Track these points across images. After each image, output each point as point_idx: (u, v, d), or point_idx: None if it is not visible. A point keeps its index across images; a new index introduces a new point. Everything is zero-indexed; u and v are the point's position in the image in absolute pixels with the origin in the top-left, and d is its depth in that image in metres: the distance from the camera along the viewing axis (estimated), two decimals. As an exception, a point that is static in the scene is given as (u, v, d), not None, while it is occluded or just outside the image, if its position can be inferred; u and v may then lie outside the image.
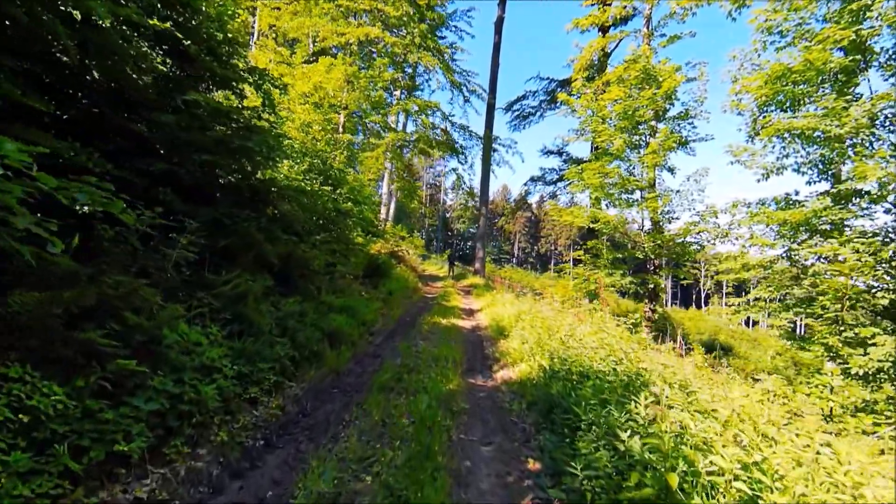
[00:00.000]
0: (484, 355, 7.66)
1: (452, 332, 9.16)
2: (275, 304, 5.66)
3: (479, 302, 14.70)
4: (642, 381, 3.65)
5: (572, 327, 6.30)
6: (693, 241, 12.15)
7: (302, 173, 9.21)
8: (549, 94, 21.01)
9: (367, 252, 11.97)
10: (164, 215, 3.85)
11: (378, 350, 7.39)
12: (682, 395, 3.29)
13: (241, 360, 4.28)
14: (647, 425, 2.74)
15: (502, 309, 11.22)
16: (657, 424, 2.73)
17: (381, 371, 5.86)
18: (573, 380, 4.20)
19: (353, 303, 7.97)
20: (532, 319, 8.10)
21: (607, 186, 12.70)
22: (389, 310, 11.00)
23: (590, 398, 3.44)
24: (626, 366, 4.26)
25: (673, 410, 2.93)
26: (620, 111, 12.34)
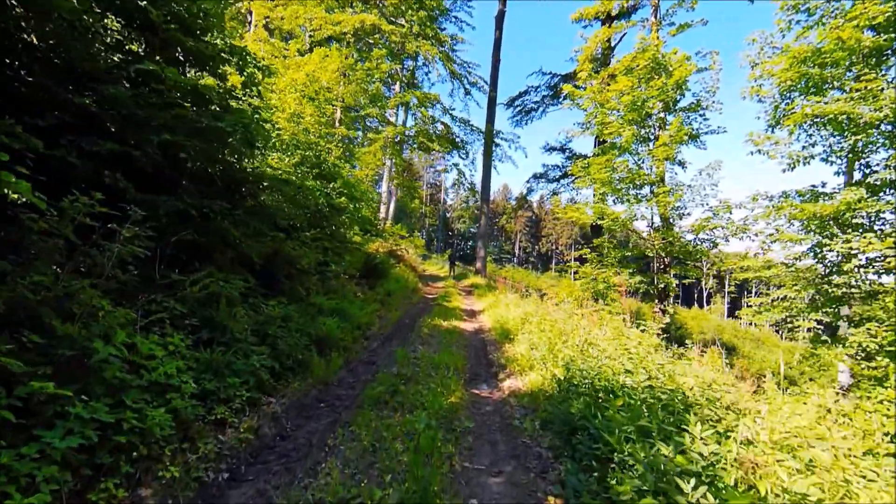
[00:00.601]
0: (488, 361, 7.01)
1: (454, 336, 8.51)
2: (255, 308, 5.01)
3: (482, 303, 14.05)
4: (683, 402, 3.01)
5: (588, 332, 5.64)
6: (706, 238, 11.49)
7: (293, 166, 8.57)
8: (552, 88, 20.35)
9: (364, 251, 11.32)
10: (113, 203, 3.21)
11: (373, 356, 6.74)
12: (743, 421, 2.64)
13: (208, 375, 3.63)
14: (713, 469, 2.10)
15: (506, 310, 10.57)
16: (726, 471, 2.09)
17: (374, 382, 5.21)
18: (596, 396, 3.55)
19: (346, 305, 7.32)
20: (540, 322, 7.44)
21: (615, 181, 12.03)
22: (387, 311, 10.35)
23: (623, 423, 2.78)
24: (661, 381, 3.61)
25: (751, 449, 2.27)
26: (628, 102, 11.67)
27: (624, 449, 2.50)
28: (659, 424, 2.57)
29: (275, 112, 8.58)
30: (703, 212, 11.61)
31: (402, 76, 14.60)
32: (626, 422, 2.82)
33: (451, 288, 17.67)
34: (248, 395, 3.86)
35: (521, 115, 20.42)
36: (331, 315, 6.52)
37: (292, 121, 8.73)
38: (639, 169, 11.56)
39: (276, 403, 4.25)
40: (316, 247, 7.09)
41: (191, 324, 3.87)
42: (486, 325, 10.24)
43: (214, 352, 3.81)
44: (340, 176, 8.55)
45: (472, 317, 11.70)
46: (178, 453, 2.98)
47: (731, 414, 2.83)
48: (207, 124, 3.97)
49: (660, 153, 10.85)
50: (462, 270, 27.19)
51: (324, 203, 8.27)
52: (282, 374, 4.64)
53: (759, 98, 8.57)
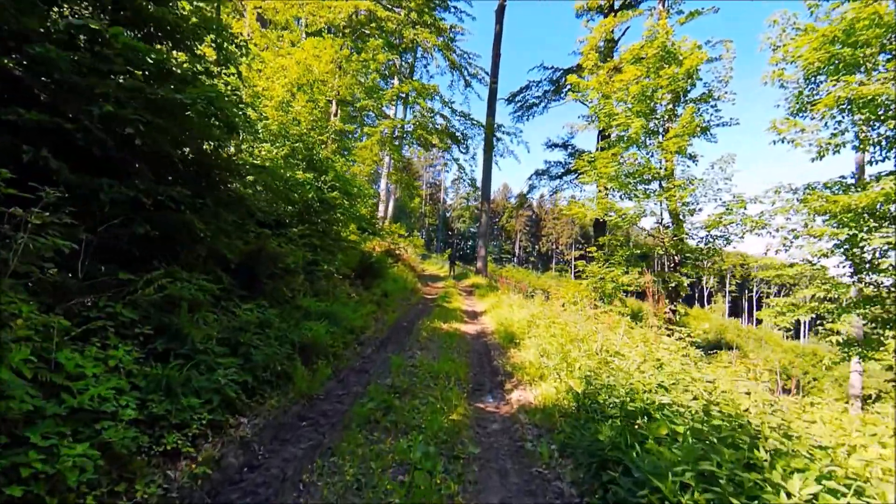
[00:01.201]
0: (493, 369, 6.36)
1: (455, 340, 7.86)
2: (229, 313, 4.36)
3: (483, 303, 13.39)
4: (747, 432, 2.35)
5: (606, 338, 4.99)
6: (718, 235, 10.85)
7: (283, 158, 7.92)
8: (554, 83, 19.71)
9: (359, 250, 10.67)
10: (41, 185, 2.56)
11: (367, 363, 6.09)
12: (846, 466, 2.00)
13: (159, 395, 2.98)
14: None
15: (509, 312, 9.93)
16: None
17: (365, 396, 4.56)
18: (629, 420, 2.91)
19: (338, 307, 6.67)
20: (549, 325, 6.80)
21: (622, 176, 11.39)
22: (384, 313, 9.70)
23: (674, 462, 2.14)
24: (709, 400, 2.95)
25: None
26: (637, 92, 11.03)
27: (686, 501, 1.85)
28: (730, 470, 1.93)
29: (262, 100, 7.95)
30: (715, 207, 11.00)
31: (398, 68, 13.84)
32: (677, 459, 2.17)
33: (452, 288, 17.02)
34: (210, 418, 3.21)
35: (522, 110, 19.78)
36: (319, 319, 5.87)
37: (281, 109, 8.09)
38: (647, 163, 10.90)
39: (248, 425, 3.60)
40: (304, 244, 6.44)
41: (143, 333, 3.22)
42: (489, 328, 9.59)
43: (170, 367, 3.15)
44: (332, 168, 7.91)
45: (474, 318, 11.05)
46: (107, 501, 2.32)
47: (816, 450, 2.20)
48: (163, 96, 3.32)
49: (671, 145, 10.21)
50: (462, 270, 26.55)
51: (314, 197, 7.62)
52: (257, 388, 3.99)
53: (780, 83, 7.93)
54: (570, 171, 19.61)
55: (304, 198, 7.49)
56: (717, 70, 11.13)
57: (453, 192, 62.79)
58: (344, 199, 9.73)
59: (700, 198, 11.07)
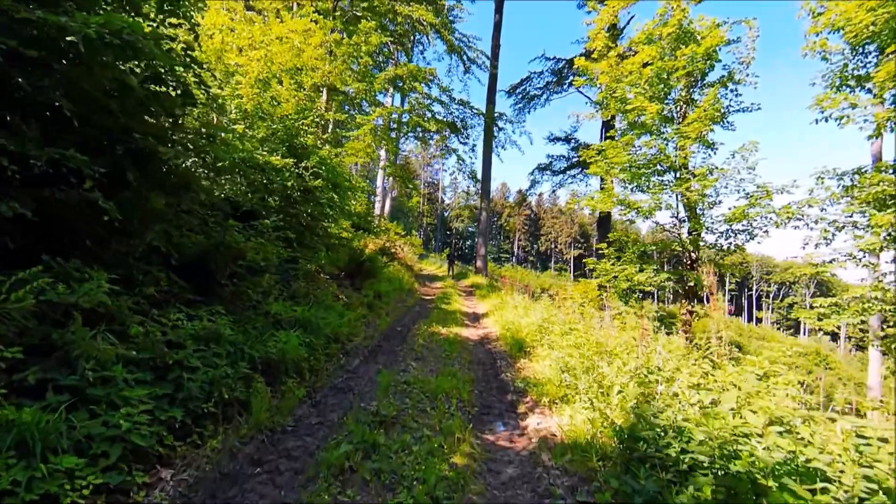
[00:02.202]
0: (501, 384, 5.33)
1: (455, 347, 6.84)
2: (174, 323, 3.32)
3: (485, 304, 12.38)
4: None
5: (649, 351, 3.97)
6: (741, 230, 9.86)
7: (259, 142, 6.88)
8: (556, 74, 18.69)
9: (350, 246, 9.63)
10: None
11: (351, 379, 5.06)
12: None
13: (4, 456, 1.94)
14: None
15: (514, 314, 8.91)
16: None
17: (340, 432, 3.53)
18: (728, 487, 1.89)
19: (318, 312, 5.63)
20: (565, 332, 5.77)
21: (636, 166, 10.39)
22: (376, 317, 8.67)
23: None
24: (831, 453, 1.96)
25: None
26: (651, 75, 10.05)
27: None
28: None
29: (235, 76, 6.92)
30: (737, 199, 10.00)
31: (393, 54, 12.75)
32: None
33: (451, 288, 16.01)
34: (101, 482, 2.17)
35: (523, 102, 18.75)
36: (293, 327, 4.83)
37: (258, 87, 7.06)
38: (663, 150, 9.90)
39: (171, 482, 2.56)
40: (277, 237, 5.41)
41: (3, 358, 2.18)
42: (493, 332, 8.57)
43: (35, 408, 2.12)
44: (315, 153, 6.88)
45: (476, 321, 10.03)
46: None
47: None
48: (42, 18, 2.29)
49: (692, 130, 9.20)
50: (461, 269, 25.56)
51: (295, 185, 6.58)
52: (194, 426, 2.95)
53: (822, 55, 6.94)
54: (573, 165, 18.62)
55: (282, 186, 6.45)
56: (739, 51, 10.15)
57: (451, 191, 61.79)
58: (332, 191, 8.69)
59: (720, 189, 10.09)
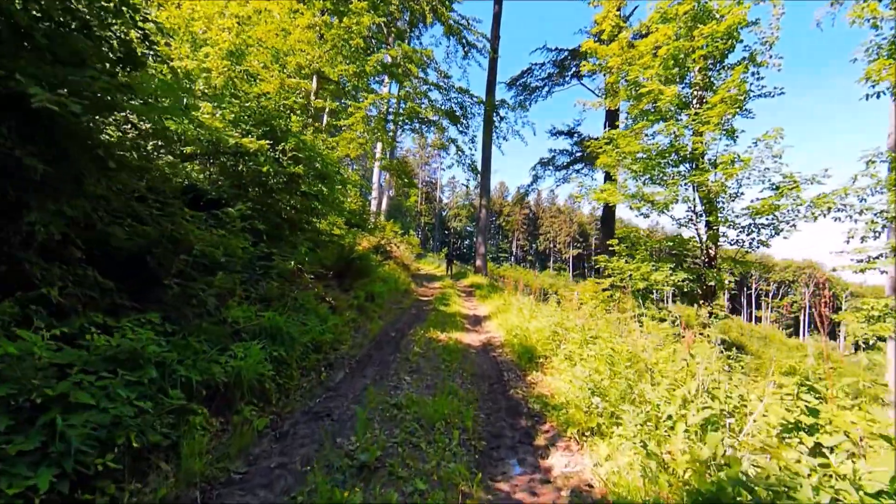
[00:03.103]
0: (511, 404, 4.40)
1: (455, 356, 5.92)
2: (68, 337, 2.38)
3: (486, 306, 11.46)
4: None
5: (706, 373, 3.04)
6: (765, 224, 8.98)
7: (232, 123, 5.95)
8: (559, 65, 17.79)
9: (339, 244, 8.69)
10: None
11: (331, 400, 4.13)
12: None
13: None
14: None
15: (519, 318, 8.00)
16: None
17: (307, 479, 2.60)
18: None
19: (293, 319, 4.70)
20: (586, 340, 4.85)
21: (651, 155, 9.50)
22: (367, 321, 7.74)
23: None
24: None
25: None
26: (667, 56, 9.16)
27: None
28: None
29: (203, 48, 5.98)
30: (760, 191, 9.13)
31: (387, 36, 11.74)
32: None
33: (450, 289, 15.07)
34: None
35: (524, 94, 17.84)
36: (259, 337, 3.90)
37: (229, 60, 6.12)
38: (681, 132, 9.01)
39: None
40: (244, 229, 4.47)
41: None
42: (497, 337, 7.65)
43: None
44: (294, 135, 5.94)
45: (477, 325, 9.11)
46: None
47: None
48: None
49: (714, 114, 8.31)
50: (460, 269, 24.64)
51: (270, 171, 5.64)
52: (77, 494, 2.01)
53: (870, 21, 6.05)
54: (576, 160, 17.74)
55: (255, 171, 5.52)
56: (763, 30, 9.27)
57: (449, 190, 60.87)
58: (320, 182, 7.77)
59: (742, 180, 9.20)
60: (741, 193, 9.25)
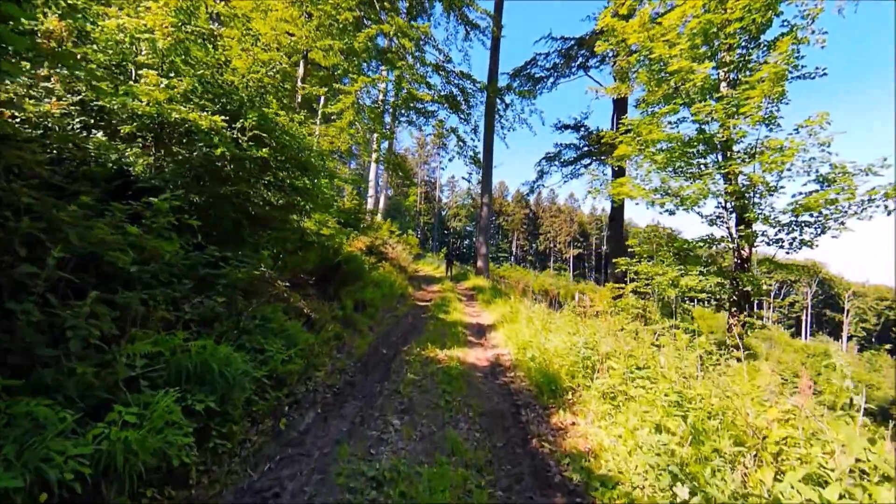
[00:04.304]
0: (539, 469, 3.16)
1: (457, 384, 4.70)
2: None
3: (490, 313, 10.23)
4: None
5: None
6: (809, 221, 7.77)
7: (182, 96, 4.71)
8: (564, 55, 16.53)
9: (321, 245, 7.45)
10: None
11: (282, 468, 2.89)
12: None
13: None
14: None
15: (531, 331, 6.79)
16: None
17: None
18: None
19: (243, 347, 3.46)
20: (634, 372, 3.63)
21: (678, 145, 8.28)
22: (354, 336, 6.50)
23: None
24: None
25: None
26: (698, 30, 7.93)
27: None
28: None
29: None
30: (804, 183, 7.92)
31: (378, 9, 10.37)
32: None
33: (450, 292, 13.83)
34: None
35: (528, 85, 16.59)
36: (180, 381, 2.66)
37: (179, 18, 4.90)
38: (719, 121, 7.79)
39: None
40: (174, 226, 3.23)
41: None
42: (506, 355, 6.42)
43: None
44: (254, 108, 4.71)
45: (482, 337, 7.88)
46: None
47: None
48: None
49: (756, 94, 7.07)
50: (460, 270, 23.38)
51: (226, 154, 4.40)
52: None
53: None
54: (584, 154, 16.50)
55: (204, 154, 4.29)
56: (804, 1, 8.05)
57: (448, 189, 59.57)
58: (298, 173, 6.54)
59: (783, 171, 7.98)
60: (781, 187, 8.04)
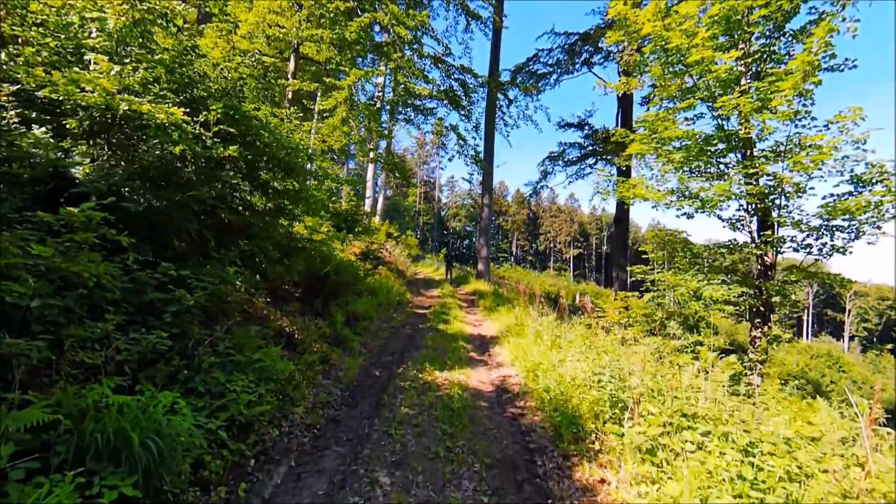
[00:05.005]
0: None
1: (460, 422, 4.00)
2: None
3: (493, 323, 9.51)
4: None
5: None
6: (842, 226, 7.07)
7: (141, 84, 3.99)
8: (568, 51, 15.80)
9: (309, 254, 6.72)
10: None
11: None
12: None
13: None
14: None
15: (540, 349, 6.09)
16: None
17: None
18: None
19: (182, 392, 2.75)
20: (672, 413, 2.91)
21: (697, 142, 7.56)
22: (343, 357, 5.78)
23: None
24: None
25: None
26: (720, 17, 7.21)
27: None
28: None
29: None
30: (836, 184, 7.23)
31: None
32: None
33: (449, 297, 13.12)
34: None
35: (530, 82, 15.86)
36: (96, 460, 1.94)
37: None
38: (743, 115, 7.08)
39: None
40: (98, 246, 2.52)
41: None
42: (514, 377, 5.70)
43: None
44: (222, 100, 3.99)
45: (485, 352, 7.16)
46: None
47: None
48: None
49: (788, 86, 6.35)
50: (460, 272, 22.62)
51: (187, 153, 3.69)
52: None
53: None
54: (588, 154, 15.78)
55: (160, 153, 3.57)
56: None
57: (448, 189, 58.80)
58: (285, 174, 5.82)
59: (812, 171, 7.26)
60: (811, 188, 7.33)
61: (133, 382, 2.71)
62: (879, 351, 43.84)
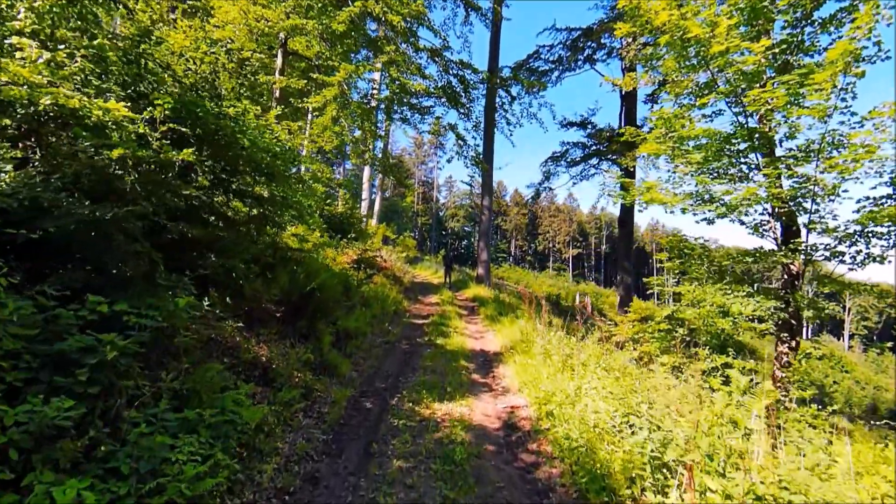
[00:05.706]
0: None
1: (463, 478, 3.30)
2: None
3: (496, 335, 8.81)
4: None
5: None
6: (880, 232, 6.39)
7: (81, 76, 3.27)
8: (570, 47, 15.08)
9: (291, 268, 5.99)
10: None
11: None
12: None
13: None
14: None
15: (550, 371, 5.41)
16: None
17: None
18: None
19: (96, 479, 2.03)
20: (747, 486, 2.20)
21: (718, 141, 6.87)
22: (329, 388, 5.05)
23: None
24: None
25: None
26: (745, 5, 6.51)
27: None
28: None
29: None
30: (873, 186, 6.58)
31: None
32: None
33: (449, 305, 12.41)
34: None
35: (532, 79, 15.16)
36: None
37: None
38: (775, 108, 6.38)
39: None
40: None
41: None
42: (522, 408, 4.99)
43: None
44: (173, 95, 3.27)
45: (489, 373, 6.45)
46: None
47: None
48: None
49: (824, 78, 5.65)
50: (460, 275, 21.89)
51: (128, 157, 2.98)
52: None
53: None
54: (592, 154, 15.08)
55: (89, 158, 2.86)
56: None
57: (446, 189, 58.07)
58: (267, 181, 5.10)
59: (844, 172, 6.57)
60: (844, 191, 6.64)
61: (24, 469, 1.99)
62: (881, 350, 43.27)
